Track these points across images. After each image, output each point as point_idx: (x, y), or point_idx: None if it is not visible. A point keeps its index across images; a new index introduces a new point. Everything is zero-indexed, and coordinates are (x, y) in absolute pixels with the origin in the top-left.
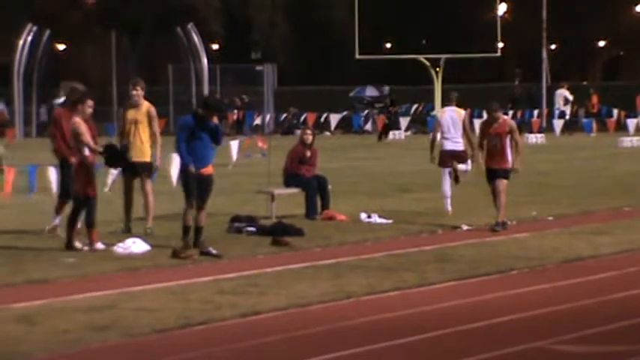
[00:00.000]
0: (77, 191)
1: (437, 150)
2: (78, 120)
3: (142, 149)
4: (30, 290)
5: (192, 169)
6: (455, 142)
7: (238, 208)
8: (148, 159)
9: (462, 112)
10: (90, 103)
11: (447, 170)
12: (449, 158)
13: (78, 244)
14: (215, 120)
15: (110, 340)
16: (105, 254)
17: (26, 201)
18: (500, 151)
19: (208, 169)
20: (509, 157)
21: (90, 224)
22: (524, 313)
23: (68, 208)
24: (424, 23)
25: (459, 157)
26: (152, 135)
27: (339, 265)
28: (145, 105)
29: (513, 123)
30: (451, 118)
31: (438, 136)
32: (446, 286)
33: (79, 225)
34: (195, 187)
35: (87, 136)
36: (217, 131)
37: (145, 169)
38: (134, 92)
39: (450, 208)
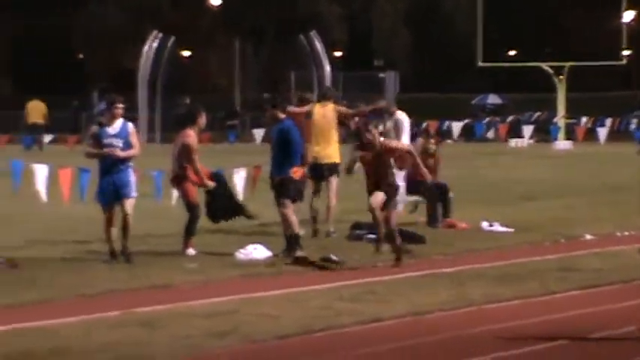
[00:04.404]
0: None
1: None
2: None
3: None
4: (153, 295)
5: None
6: None
7: (359, 215)
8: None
9: None
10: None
11: None
12: None
13: (191, 251)
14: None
15: (231, 346)
16: (226, 260)
17: (152, 206)
18: None
19: None
20: None
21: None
22: None
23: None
24: (548, 31)
25: None
26: None
27: (460, 274)
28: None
29: None
30: None
31: None
32: (568, 295)
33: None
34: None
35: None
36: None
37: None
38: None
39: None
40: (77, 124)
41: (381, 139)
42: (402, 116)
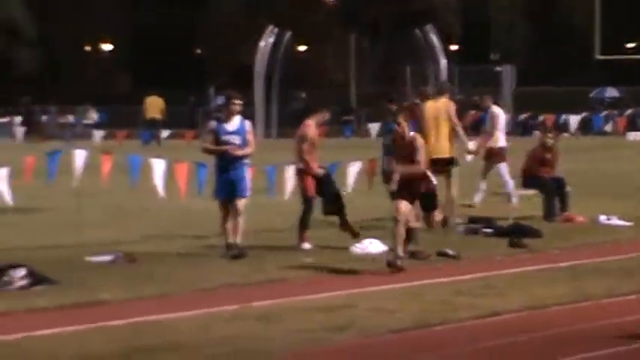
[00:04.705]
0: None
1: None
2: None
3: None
4: (269, 289)
5: None
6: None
7: (473, 210)
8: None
9: None
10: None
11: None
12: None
13: (307, 245)
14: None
15: (347, 340)
16: (342, 254)
17: (265, 201)
18: None
19: None
20: None
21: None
22: None
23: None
24: None
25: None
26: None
27: (578, 268)
28: (443, 101)
29: None
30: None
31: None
32: None
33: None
34: None
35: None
36: None
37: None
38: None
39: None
40: (194, 119)
41: (411, 133)
42: (497, 110)
